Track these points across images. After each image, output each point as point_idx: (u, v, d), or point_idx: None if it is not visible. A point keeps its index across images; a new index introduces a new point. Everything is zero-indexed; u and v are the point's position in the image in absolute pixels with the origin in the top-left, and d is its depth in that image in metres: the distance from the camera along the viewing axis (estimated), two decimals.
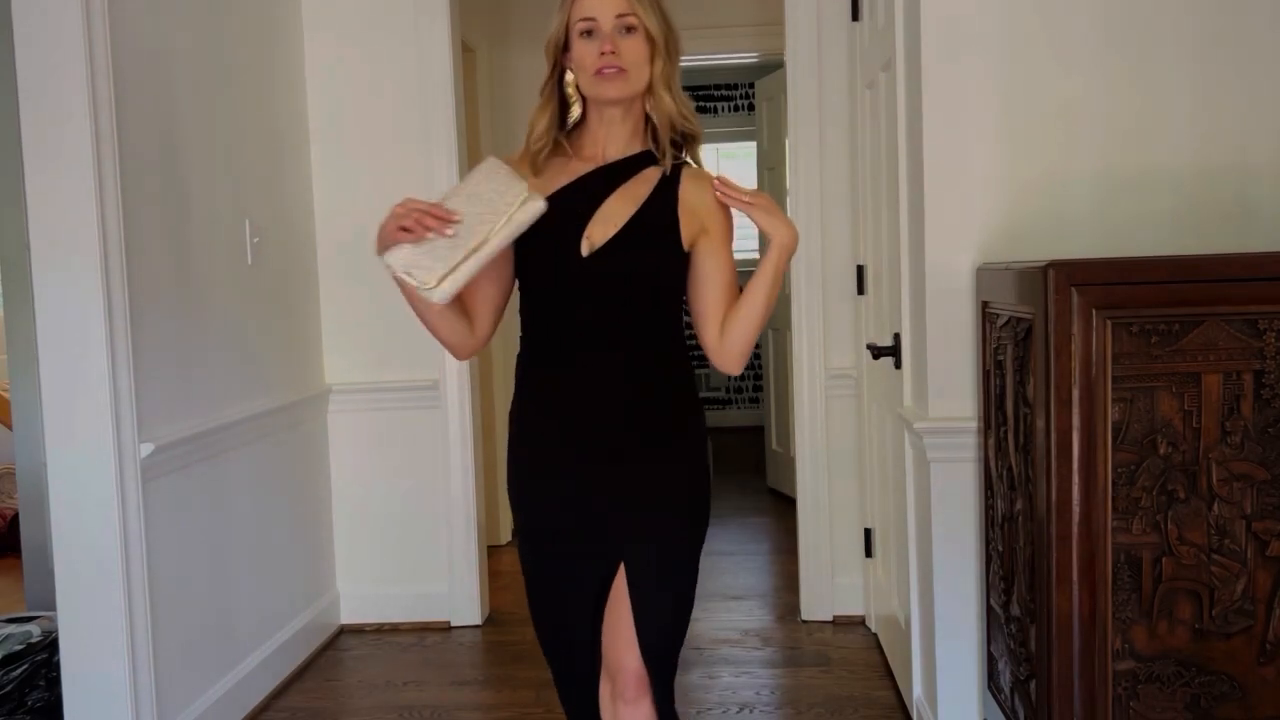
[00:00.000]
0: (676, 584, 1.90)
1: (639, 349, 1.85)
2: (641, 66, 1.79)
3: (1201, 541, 1.89)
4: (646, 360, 1.85)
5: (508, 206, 1.67)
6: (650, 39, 1.79)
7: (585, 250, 1.79)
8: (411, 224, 1.66)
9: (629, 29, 1.77)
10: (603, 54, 1.76)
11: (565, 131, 1.87)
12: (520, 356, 1.94)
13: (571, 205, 1.81)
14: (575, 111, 1.85)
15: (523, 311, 1.90)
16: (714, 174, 1.85)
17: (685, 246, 1.83)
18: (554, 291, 1.83)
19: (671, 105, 1.82)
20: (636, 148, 1.87)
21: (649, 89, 1.82)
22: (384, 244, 1.70)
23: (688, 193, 1.85)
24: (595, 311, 1.82)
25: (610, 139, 1.85)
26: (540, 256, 1.82)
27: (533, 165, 1.84)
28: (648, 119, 1.86)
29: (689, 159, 1.90)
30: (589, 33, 1.78)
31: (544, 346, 1.88)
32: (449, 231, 1.65)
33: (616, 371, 1.83)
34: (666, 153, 1.85)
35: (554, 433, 1.88)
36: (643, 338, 1.85)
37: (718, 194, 1.78)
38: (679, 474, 1.89)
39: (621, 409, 1.85)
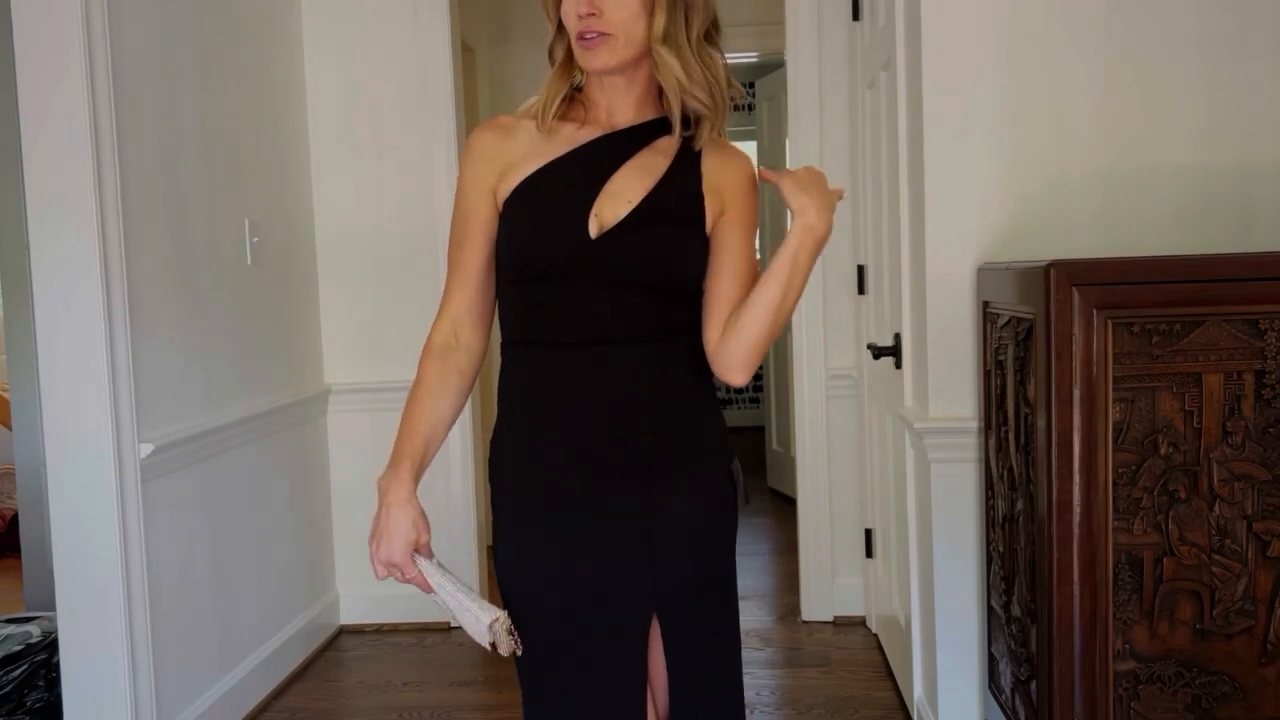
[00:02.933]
0: (724, 629, 1.64)
1: (663, 347, 1.54)
2: (633, 25, 1.46)
3: (1202, 542, 1.89)
4: (673, 360, 1.55)
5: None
6: None
7: (594, 231, 1.48)
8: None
9: None
10: (580, 16, 1.47)
11: (584, 89, 1.59)
12: (507, 369, 1.59)
13: (573, 178, 1.52)
14: (578, 77, 1.57)
15: (508, 311, 1.58)
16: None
17: (708, 229, 1.55)
18: (556, 282, 1.51)
19: (677, 69, 1.49)
20: (649, 114, 1.57)
21: (650, 50, 1.50)
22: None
23: (710, 166, 1.57)
24: (608, 304, 1.50)
25: (615, 106, 1.55)
26: (537, 239, 1.51)
27: (541, 124, 1.56)
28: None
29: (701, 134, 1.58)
30: None
31: (544, 351, 1.54)
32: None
33: (643, 373, 1.52)
34: (676, 123, 1.53)
35: (573, 457, 1.53)
36: (667, 334, 1.54)
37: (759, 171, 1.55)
38: (713, 499, 1.61)
39: (651, 419, 1.53)
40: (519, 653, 1.51)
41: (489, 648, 1.50)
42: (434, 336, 1.58)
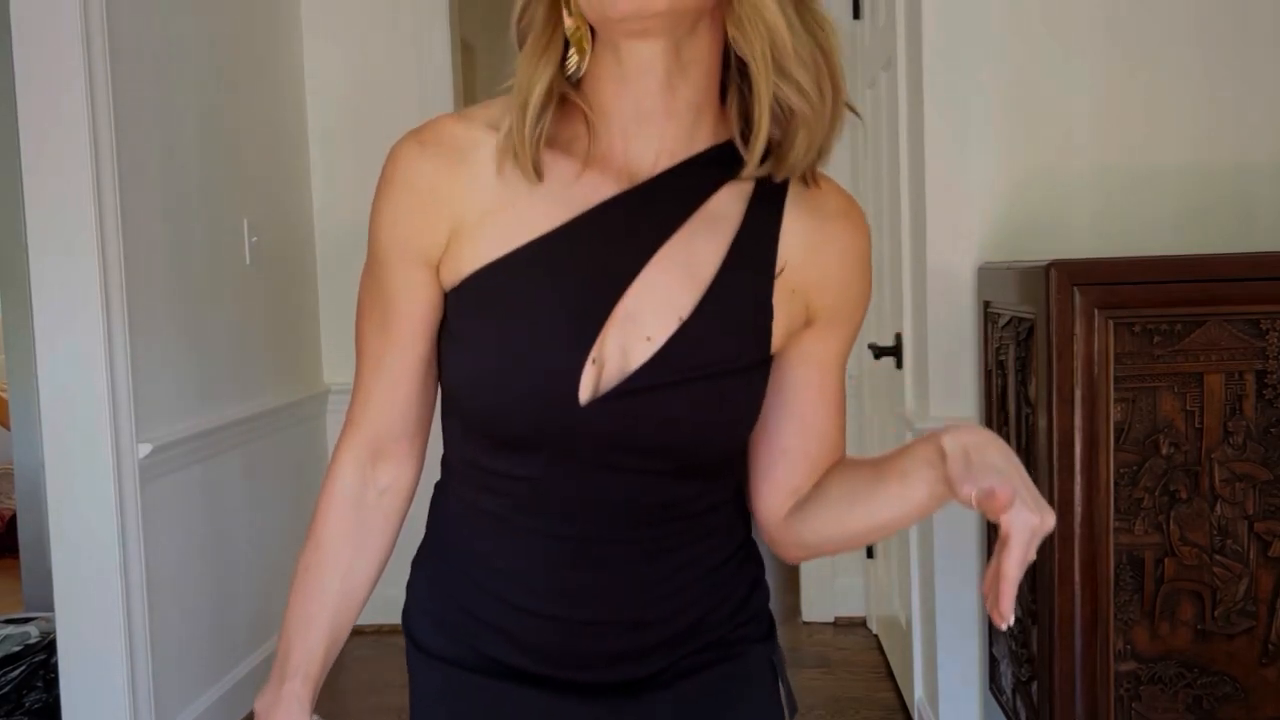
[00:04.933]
0: None
1: (695, 544, 0.98)
2: None
3: (1204, 542, 1.89)
4: (707, 556, 0.99)
5: None
6: None
7: (585, 392, 0.88)
8: None
9: None
10: None
11: (579, 89, 0.89)
12: (449, 506, 1.03)
13: (566, 282, 0.89)
14: (574, 64, 0.86)
15: (455, 452, 1.00)
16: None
17: (777, 344, 0.93)
18: (529, 450, 0.92)
19: (775, 19, 0.82)
20: (702, 139, 0.90)
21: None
22: None
23: (798, 241, 0.92)
24: (608, 489, 0.93)
25: (644, 118, 0.88)
26: (499, 390, 0.90)
27: (535, 165, 0.88)
28: (727, 68, 0.89)
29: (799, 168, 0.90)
30: None
31: (508, 524, 0.96)
32: None
33: (658, 581, 0.97)
34: (761, 137, 0.86)
35: (520, 643, 0.98)
36: (700, 527, 0.98)
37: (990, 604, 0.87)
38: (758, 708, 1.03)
39: (664, 647, 0.98)
40: None
41: None
42: (340, 471, 1.00)
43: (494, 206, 0.90)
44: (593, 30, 0.85)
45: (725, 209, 0.91)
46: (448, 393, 0.98)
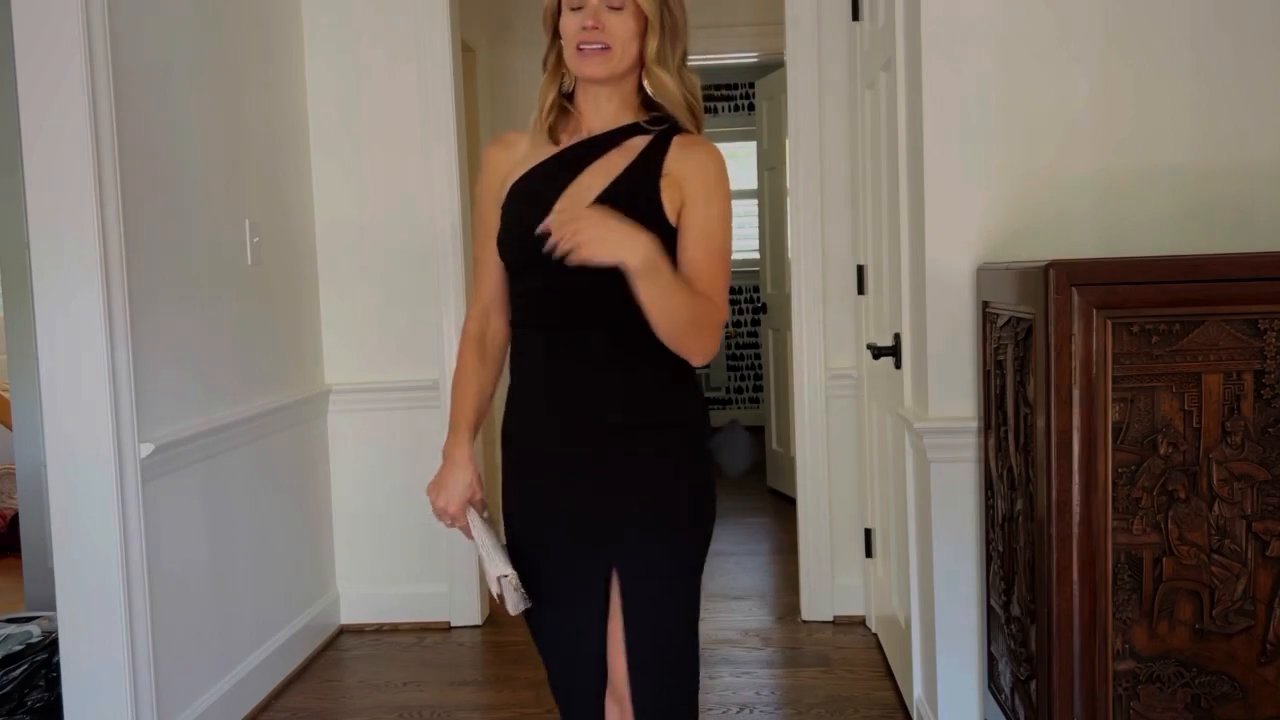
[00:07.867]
0: (672, 592, 1.77)
1: (612, 330, 1.72)
2: (628, 43, 1.71)
3: (1202, 541, 1.89)
4: (623, 340, 1.71)
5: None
6: (641, 15, 1.71)
7: (541, 228, 1.61)
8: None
9: (614, 7, 1.70)
10: (584, 28, 1.69)
11: (572, 100, 1.81)
12: (511, 345, 1.88)
13: (546, 181, 1.75)
14: (567, 83, 1.79)
15: (509, 297, 1.85)
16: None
17: (671, 218, 1.70)
18: (524, 274, 1.76)
19: (675, 87, 1.75)
20: (625, 120, 1.78)
21: (644, 69, 1.75)
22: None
23: (673, 158, 1.74)
24: (560, 293, 1.71)
25: (596, 114, 1.78)
26: (506, 238, 1.76)
27: (550, 136, 1.79)
28: (642, 94, 1.80)
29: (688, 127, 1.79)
30: (578, 7, 1.71)
31: (521, 330, 1.81)
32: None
33: (593, 354, 1.73)
34: (689, 125, 1.77)
35: (544, 422, 1.79)
36: (617, 318, 1.69)
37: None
38: (669, 467, 1.76)
39: (604, 393, 1.73)
40: (524, 606, 1.74)
41: (498, 599, 1.75)
42: (469, 327, 1.87)
43: (525, 160, 1.79)
44: None
45: (633, 145, 1.76)
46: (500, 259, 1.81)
